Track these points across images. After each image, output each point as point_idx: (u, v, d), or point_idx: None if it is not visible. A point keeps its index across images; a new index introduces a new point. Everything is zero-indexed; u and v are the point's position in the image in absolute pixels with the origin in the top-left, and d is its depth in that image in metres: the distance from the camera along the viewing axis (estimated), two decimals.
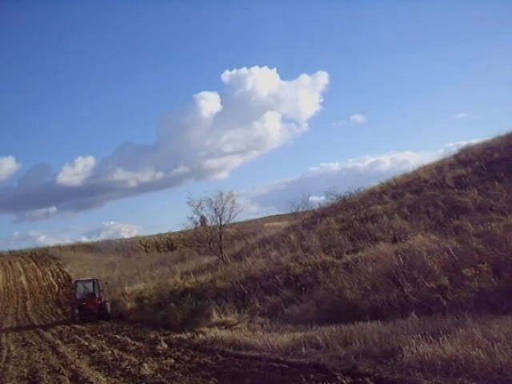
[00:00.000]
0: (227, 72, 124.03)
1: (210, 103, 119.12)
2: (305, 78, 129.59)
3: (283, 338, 12.34)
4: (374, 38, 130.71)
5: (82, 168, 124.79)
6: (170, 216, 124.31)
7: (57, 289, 44.26)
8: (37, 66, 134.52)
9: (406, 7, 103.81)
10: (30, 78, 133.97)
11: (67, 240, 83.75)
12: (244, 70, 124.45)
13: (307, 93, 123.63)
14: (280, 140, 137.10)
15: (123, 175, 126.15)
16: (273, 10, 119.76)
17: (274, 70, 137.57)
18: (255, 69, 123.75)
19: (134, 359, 13.66)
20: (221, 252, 29.38)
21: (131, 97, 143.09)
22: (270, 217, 74.09)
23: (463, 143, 26.72)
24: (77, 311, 27.60)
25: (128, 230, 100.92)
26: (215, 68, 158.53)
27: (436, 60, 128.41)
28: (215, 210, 31.09)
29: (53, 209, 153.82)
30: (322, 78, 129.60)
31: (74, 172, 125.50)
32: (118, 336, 19.22)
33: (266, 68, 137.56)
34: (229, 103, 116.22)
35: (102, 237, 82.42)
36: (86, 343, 18.17)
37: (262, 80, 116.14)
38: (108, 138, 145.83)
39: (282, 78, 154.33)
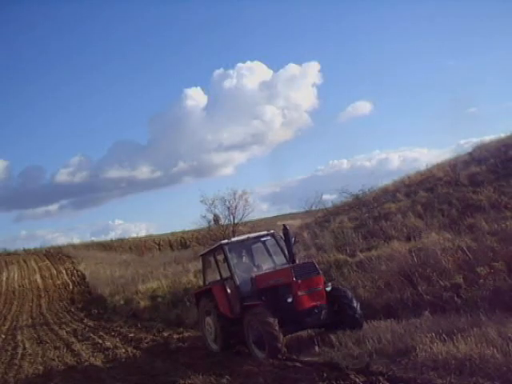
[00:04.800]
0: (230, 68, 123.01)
1: (210, 100, 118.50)
2: (304, 71, 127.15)
3: (296, 337, 12.33)
4: (375, 28, 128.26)
5: (83, 167, 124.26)
6: (179, 214, 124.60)
7: (71, 287, 44.50)
8: (33, 65, 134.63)
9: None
10: (27, 79, 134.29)
11: (75, 239, 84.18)
12: (240, 65, 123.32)
13: (309, 86, 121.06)
14: (285, 136, 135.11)
15: (125, 173, 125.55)
16: (266, 6, 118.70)
17: (274, 65, 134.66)
18: (251, 63, 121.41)
19: (147, 357, 13.75)
20: None
21: (132, 94, 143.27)
22: (283, 215, 74.05)
23: (474, 139, 26.57)
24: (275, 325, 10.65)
25: (136, 229, 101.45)
26: (215, 65, 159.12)
27: (443, 52, 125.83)
28: (228, 208, 31.13)
29: (57, 208, 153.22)
30: (318, 73, 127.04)
31: (76, 171, 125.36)
32: (131, 334, 19.31)
33: (261, 63, 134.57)
34: (230, 101, 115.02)
35: (111, 236, 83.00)
36: (100, 341, 18.30)
37: (259, 75, 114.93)
38: (109, 136, 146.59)
39: (280, 72, 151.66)
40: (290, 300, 11.06)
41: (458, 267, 12.78)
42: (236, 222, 32.05)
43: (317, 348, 10.94)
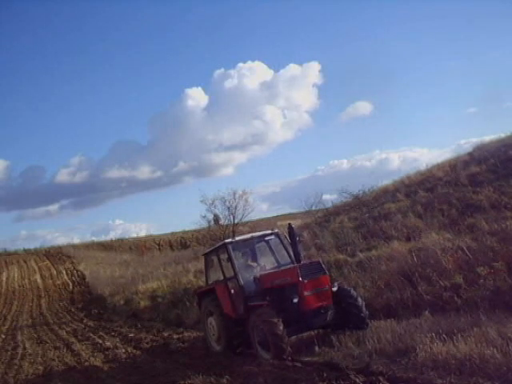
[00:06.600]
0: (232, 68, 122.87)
1: (211, 100, 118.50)
2: (305, 71, 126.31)
3: (296, 337, 12.32)
4: (375, 29, 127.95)
5: (84, 167, 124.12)
6: (179, 214, 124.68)
7: (71, 287, 44.48)
8: (33, 65, 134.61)
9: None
10: (27, 78, 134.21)
11: (75, 239, 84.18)
12: (241, 65, 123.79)
13: (309, 86, 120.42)
14: (285, 136, 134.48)
15: (125, 173, 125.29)
16: (266, 6, 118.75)
17: (275, 65, 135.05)
18: (252, 63, 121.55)
19: (147, 357, 13.74)
20: None
21: (132, 94, 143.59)
22: (283, 215, 74.05)
23: (474, 139, 26.66)
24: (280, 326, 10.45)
25: (136, 229, 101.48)
26: (216, 65, 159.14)
27: (444, 52, 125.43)
28: (228, 208, 31.19)
29: (57, 208, 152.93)
30: (319, 73, 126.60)
31: (76, 171, 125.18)
32: (131, 334, 19.31)
33: (261, 64, 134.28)
34: (230, 101, 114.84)
35: (111, 236, 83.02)
36: (100, 341, 18.30)
37: (260, 75, 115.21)
38: (109, 136, 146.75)
39: (280, 72, 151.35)
40: (296, 300, 10.81)
41: (458, 267, 12.77)
42: (236, 222, 32.15)
43: (317, 348, 10.94)
